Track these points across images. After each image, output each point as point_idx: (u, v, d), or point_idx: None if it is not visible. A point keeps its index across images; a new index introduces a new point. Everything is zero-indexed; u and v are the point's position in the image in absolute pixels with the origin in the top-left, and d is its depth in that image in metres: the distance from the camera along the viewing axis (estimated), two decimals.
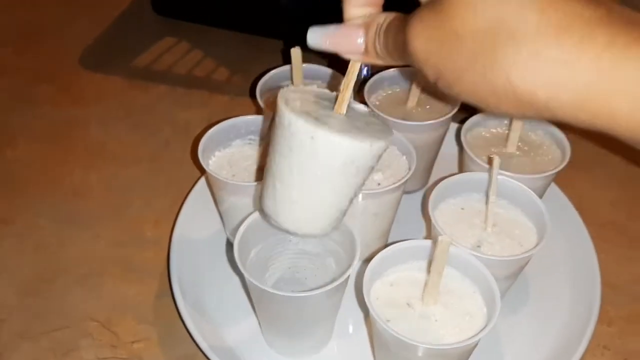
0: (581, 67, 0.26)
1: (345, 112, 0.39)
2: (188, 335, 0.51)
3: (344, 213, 0.43)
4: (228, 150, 0.58)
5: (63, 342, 0.53)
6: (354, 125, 0.39)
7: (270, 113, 0.58)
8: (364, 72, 0.40)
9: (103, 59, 0.84)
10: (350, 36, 0.36)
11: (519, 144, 0.58)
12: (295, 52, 0.60)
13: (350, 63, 0.38)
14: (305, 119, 0.36)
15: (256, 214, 0.49)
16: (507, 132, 0.58)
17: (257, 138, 0.59)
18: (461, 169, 0.62)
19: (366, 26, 0.36)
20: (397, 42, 0.33)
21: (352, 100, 0.40)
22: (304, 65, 0.62)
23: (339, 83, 0.65)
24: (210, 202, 0.62)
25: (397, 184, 0.52)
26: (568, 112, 0.28)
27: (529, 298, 0.56)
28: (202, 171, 0.54)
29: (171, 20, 0.90)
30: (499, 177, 0.51)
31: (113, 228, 0.62)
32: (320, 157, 0.37)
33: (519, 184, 0.51)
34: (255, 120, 0.59)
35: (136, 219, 0.63)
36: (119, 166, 0.69)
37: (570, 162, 0.56)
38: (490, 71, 0.28)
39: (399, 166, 0.56)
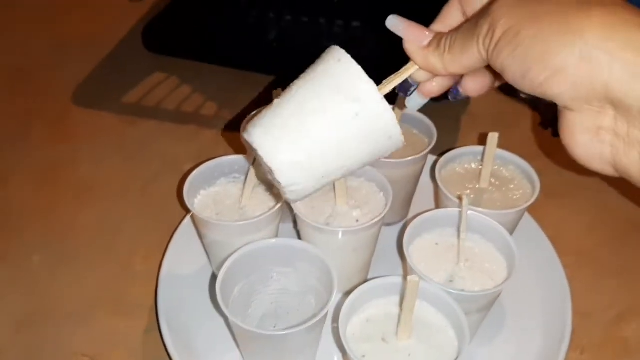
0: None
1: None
2: None
3: (318, 171, 0.40)
4: (213, 189, 0.61)
5: None
6: None
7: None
8: (406, 91, 0.43)
9: (95, 95, 0.87)
10: (422, 32, 0.41)
11: (492, 179, 0.60)
12: (278, 94, 0.63)
13: (406, 66, 0.42)
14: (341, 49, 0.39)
15: (239, 252, 0.52)
16: (480, 168, 0.61)
17: (241, 176, 0.61)
18: (437, 203, 0.64)
19: (438, 33, 0.41)
20: (470, 28, 0.37)
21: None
22: None
23: None
24: (197, 237, 0.64)
25: (374, 221, 0.55)
26: (624, 74, 0.31)
27: (503, 328, 0.58)
28: (188, 209, 0.57)
29: (161, 56, 0.92)
30: (471, 213, 0.54)
31: (103, 263, 0.64)
32: (333, 77, 0.38)
33: (490, 220, 0.54)
34: (239, 160, 0.61)
35: (126, 253, 0.65)
36: (109, 201, 0.71)
37: (544, 193, 0.58)
38: (571, 15, 0.32)
39: (377, 202, 0.59)
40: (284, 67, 0.88)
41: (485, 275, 0.52)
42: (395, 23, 0.42)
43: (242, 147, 0.64)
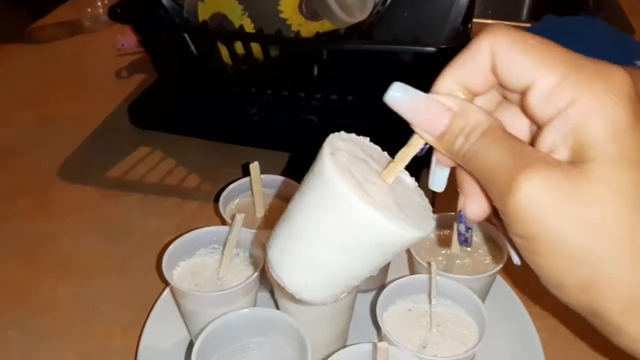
0: None
1: (391, 182, 0.37)
2: None
3: (349, 289, 0.40)
4: (192, 260, 0.62)
5: None
6: (395, 200, 0.36)
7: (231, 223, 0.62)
8: (423, 148, 0.36)
9: (80, 171, 0.89)
10: (435, 117, 0.33)
11: None
12: (254, 167, 0.65)
13: (415, 136, 0.35)
14: (347, 182, 0.34)
15: (215, 323, 0.52)
16: (451, 233, 0.63)
17: (219, 247, 0.63)
18: (410, 269, 0.66)
19: (457, 115, 0.32)
20: (488, 161, 0.31)
21: (402, 170, 0.38)
22: (263, 175, 0.67)
23: (295, 190, 0.69)
24: (176, 309, 0.64)
25: None
26: None
27: None
28: (167, 281, 0.58)
29: (146, 131, 0.96)
30: (441, 278, 0.55)
31: (81, 339, 0.64)
32: (349, 227, 0.35)
33: (459, 285, 0.55)
34: (217, 230, 0.63)
35: (104, 329, 0.65)
36: (88, 277, 0.71)
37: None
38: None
39: None
40: (265, 139, 0.92)
41: (457, 341, 0.53)
42: (397, 102, 0.32)
43: (220, 219, 0.66)
